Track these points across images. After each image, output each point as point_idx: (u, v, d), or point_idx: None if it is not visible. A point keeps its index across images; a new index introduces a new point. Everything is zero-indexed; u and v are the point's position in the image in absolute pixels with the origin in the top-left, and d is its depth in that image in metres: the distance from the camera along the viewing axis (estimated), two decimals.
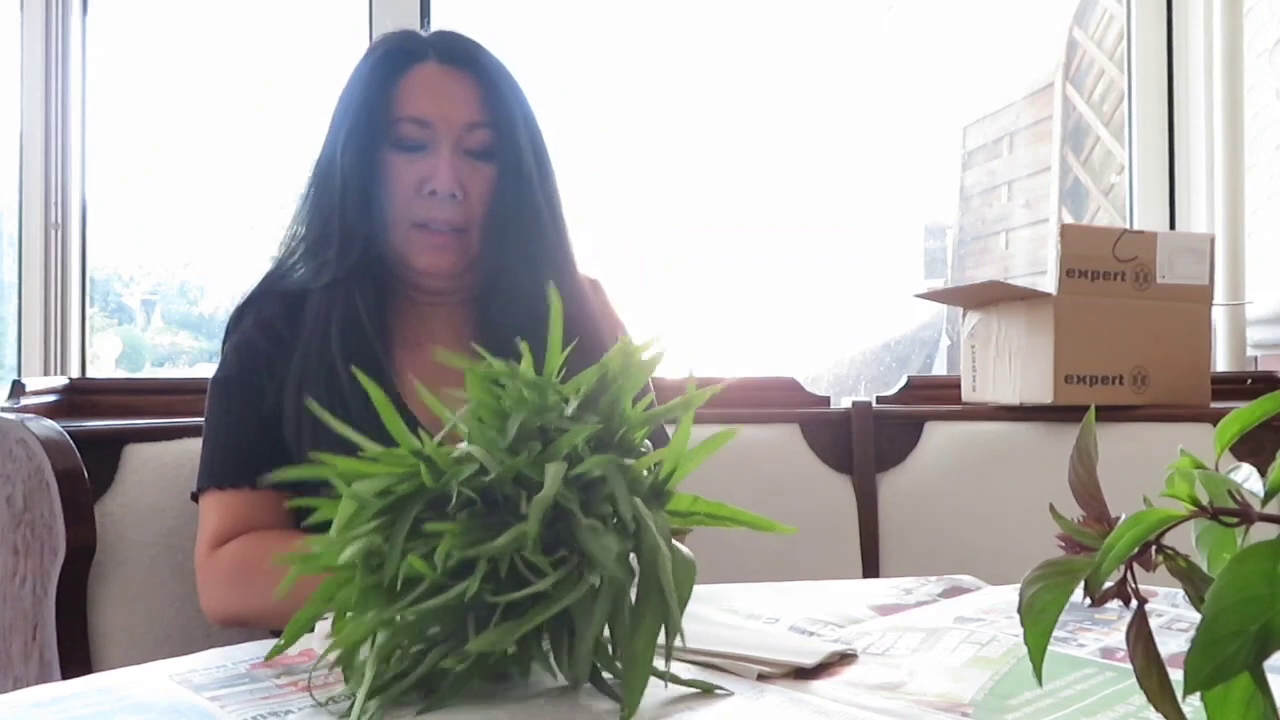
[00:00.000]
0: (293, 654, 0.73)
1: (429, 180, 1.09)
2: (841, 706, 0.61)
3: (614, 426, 0.64)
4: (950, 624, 0.78)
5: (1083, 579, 0.42)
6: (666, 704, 0.62)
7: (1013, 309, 1.58)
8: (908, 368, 2.76)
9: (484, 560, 0.57)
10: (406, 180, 1.10)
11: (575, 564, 0.60)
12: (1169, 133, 2.24)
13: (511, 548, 0.57)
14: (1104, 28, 2.55)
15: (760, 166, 2.66)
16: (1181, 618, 0.77)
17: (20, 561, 1.16)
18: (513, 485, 0.60)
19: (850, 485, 1.50)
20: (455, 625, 0.60)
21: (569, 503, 0.60)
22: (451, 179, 1.09)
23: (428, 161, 1.10)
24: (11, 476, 1.17)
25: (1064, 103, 2.69)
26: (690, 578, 0.63)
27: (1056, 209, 2.65)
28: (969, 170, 2.97)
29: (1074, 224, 1.86)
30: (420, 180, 1.09)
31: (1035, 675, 0.42)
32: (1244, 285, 2.03)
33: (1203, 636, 0.35)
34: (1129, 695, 0.61)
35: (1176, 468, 0.43)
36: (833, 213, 2.77)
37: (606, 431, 0.63)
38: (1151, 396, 1.55)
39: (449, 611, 0.59)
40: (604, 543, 0.59)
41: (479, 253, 1.12)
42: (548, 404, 0.63)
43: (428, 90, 1.11)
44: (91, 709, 0.63)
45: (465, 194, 1.10)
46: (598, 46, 2.44)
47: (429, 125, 1.10)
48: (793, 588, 0.91)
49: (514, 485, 0.60)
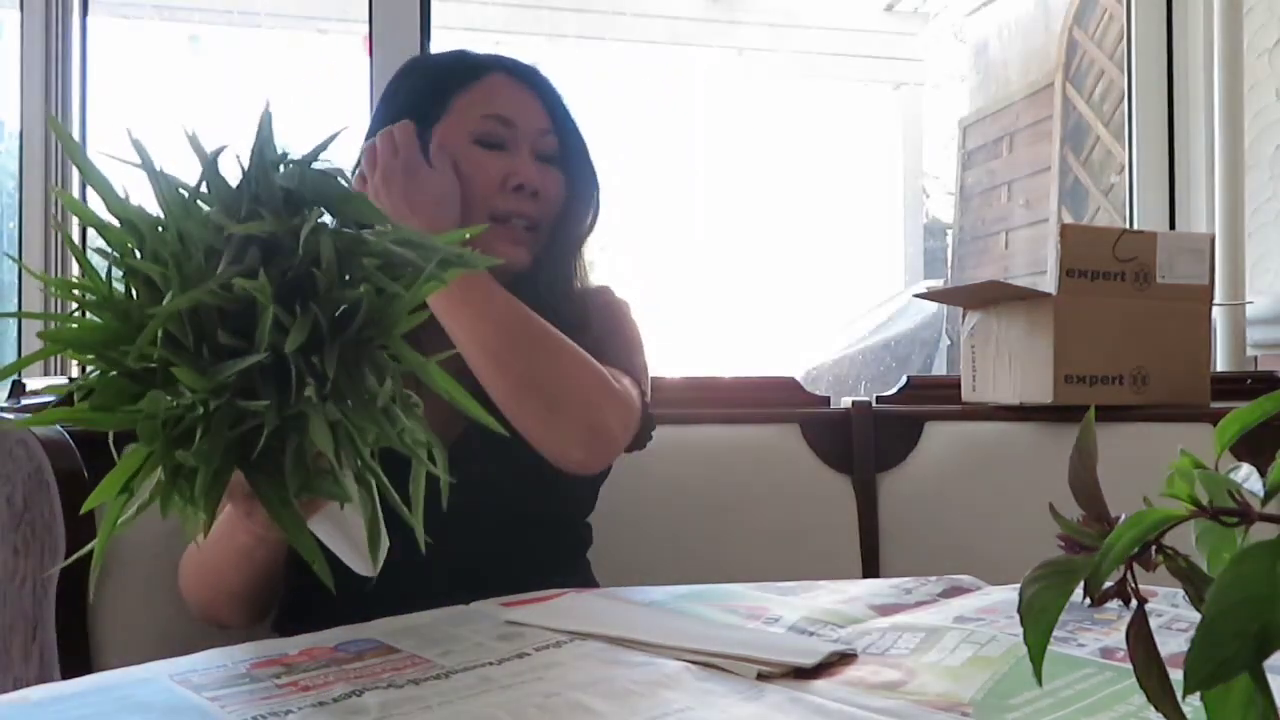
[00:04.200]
0: (293, 654, 0.73)
1: (514, 175, 1.12)
2: (841, 706, 0.61)
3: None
4: (950, 624, 0.78)
5: (1083, 579, 0.42)
6: (667, 704, 0.62)
7: (1013, 309, 1.58)
8: (908, 368, 2.77)
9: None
10: (491, 174, 1.12)
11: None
12: (1169, 133, 2.24)
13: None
14: (1104, 28, 2.55)
15: (760, 166, 2.66)
16: (1181, 618, 0.77)
17: (20, 561, 1.16)
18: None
19: (850, 485, 1.50)
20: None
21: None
22: (536, 175, 1.13)
23: (510, 159, 1.13)
24: (11, 476, 1.17)
25: (1064, 103, 2.69)
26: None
27: (1056, 209, 2.65)
28: (969, 170, 2.97)
29: (1074, 224, 1.86)
30: (505, 175, 1.12)
31: (1035, 675, 0.42)
32: (1244, 285, 2.02)
33: (1203, 636, 0.35)
34: (1129, 695, 0.61)
35: (1176, 468, 0.43)
36: (833, 213, 2.77)
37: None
38: (1151, 396, 1.55)
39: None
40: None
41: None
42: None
43: (506, 94, 1.15)
44: (91, 709, 0.63)
45: (542, 193, 1.14)
46: (598, 44, 2.44)
47: (512, 125, 1.14)
48: (793, 588, 0.91)
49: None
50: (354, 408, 0.65)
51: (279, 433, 0.63)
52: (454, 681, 0.66)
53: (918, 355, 3.18)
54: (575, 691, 0.64)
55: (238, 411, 0.62)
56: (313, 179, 0.68)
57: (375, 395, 0.65)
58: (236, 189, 0.66)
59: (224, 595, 1.03)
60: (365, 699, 0.63)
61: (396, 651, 0.73)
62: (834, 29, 4.94)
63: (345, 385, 0.64)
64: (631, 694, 0.64)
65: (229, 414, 0.62)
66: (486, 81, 1.16)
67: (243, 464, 0.65)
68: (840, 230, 3.97)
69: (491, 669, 0.69)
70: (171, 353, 0.62)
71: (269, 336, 0.62)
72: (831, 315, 2.71)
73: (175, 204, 0.65)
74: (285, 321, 0.62)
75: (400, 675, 0.68)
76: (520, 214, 1.13)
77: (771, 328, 2.65)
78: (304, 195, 0.67)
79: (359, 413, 0.65)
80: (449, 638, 0.76)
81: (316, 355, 0.63)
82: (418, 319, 0.69)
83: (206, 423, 0.62)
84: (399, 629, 0.79)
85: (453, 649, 0.73)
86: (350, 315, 0.65)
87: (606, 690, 0.64)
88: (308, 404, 0.63)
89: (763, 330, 2.63)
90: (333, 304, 0.65)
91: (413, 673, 0.68)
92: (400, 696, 0.64)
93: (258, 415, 0.62)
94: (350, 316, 0.65)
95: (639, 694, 0.64)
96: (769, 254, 2.78)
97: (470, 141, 1.12)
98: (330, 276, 0.64)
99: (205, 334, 0.63)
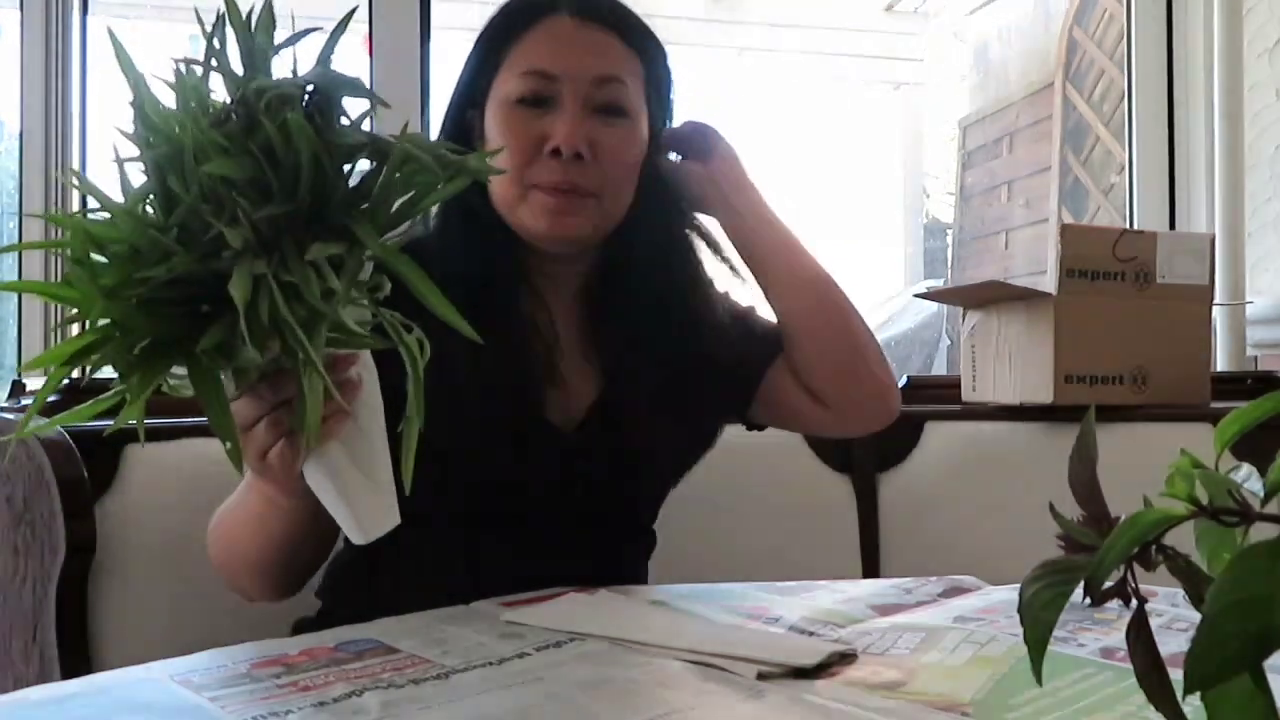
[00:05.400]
0: (293, 654, 0.73)
1: (551, 138, 0.99)
2: (841, 706, 0.61)
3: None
4: (950, 624, 0.78)
5: (1083, 579, 0.42)
6: (667, 704, 0.62)
7: (1013, 309, 1.58)
8: (908, 368, 2.77)
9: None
10: (525, 139, 1.00)
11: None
12: (1169, 133, 2.24)
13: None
14: (1104, 28, 2.55)
15: (761, 166, 2.67)
16: (1181, 618, 0.77)
17: (20, 561, 1.16)
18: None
19: (850, 485, 1.49)
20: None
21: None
22: (579, 137, 0.99)
23: (552, 117, 1.00)
24: (11, 476, 1.17)
25: (1064, 103, 2.69)
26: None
27: (1056, 209, 2.65)
28: (969, 170, 2.97)
29: (1074, 224, 1.87)
30: (542, 137, 1.00)
31: (1035, 675, 0.42)
32: (1244, 285, 2.03)
33: (1203, 636, 0.35)
34: (1129, 695, 0.61)
35: (1176, 468, 0.43)
36: (833, 213, 2.77)
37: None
38: (1151, 396, 1.55)
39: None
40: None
41: (616, 223, 1.05)
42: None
43: (555, 42, 1.02)
44: (91, 709, 0.63)
45: (594, 155, 1.00)
46: None
47: (555, 79, 1.00)
48: (793, 588, 0.91)
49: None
50: (291, 269, 0.62)
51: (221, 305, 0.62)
52: (454, 681, 0.66)
53: (918, 355, 3.18)
54: (575, 691, 0.64)
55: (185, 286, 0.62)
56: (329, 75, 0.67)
57: (315, 262, 0.63)
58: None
59: (240, 563, 0.98)
60: (365, 699, 0.63)
61: (396, 651, 0.73)
62: (834, 29, 4.94)
63: (290, 251, 0.62)
64: (631, 694, 0.64)
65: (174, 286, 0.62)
66: (541, 27, 1.03)
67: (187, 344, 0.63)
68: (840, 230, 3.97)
69: (491, 669, 0.69)
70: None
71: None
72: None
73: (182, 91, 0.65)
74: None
75: (400, 675, 0.68)
76: (560, 183, 0.99)
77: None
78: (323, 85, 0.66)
79: (296, 273, 0.62)
80: (449, 638, 0.76)
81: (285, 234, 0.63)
82: (405, 216, 0.67)
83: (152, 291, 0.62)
84: (399, 628, 0.79)
85: (453, 649, 0.73)
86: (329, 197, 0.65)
87: (606, 690, 0.64)
88: (234, 256, 0.61)
89: None
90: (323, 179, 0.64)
91: (413, 673, 0.68)
92: (400, 696, 0.64)
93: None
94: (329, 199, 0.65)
95: (639, 694, 0.64)
96: None
97: (512, 102, 1.01)
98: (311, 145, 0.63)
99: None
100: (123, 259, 0.61)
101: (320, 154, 0.64)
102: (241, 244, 0.61)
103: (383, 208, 0.66)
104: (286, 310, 0.61)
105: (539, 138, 1.00)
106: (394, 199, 0.67)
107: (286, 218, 0.63)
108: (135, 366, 0.63)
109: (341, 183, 0.66)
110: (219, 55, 0.66)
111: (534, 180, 1.00)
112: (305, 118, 0.64)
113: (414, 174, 0.67)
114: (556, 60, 1.01)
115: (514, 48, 1.02)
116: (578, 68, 1.01)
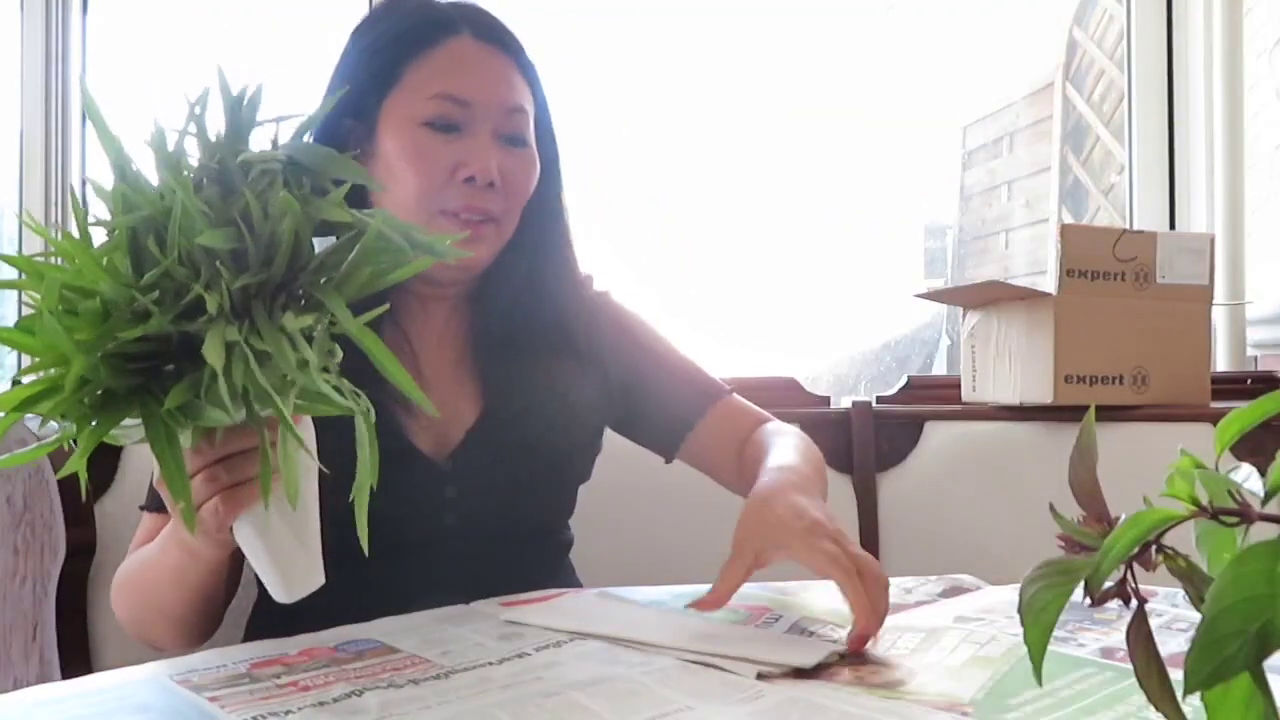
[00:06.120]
0: (292, 654, 0.73)
1: (465, 165, 0.99)
2: (841, 706, 0.61)
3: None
4: (950, 624, 0.78)
5: (1083, 579, 0.42)
6: (667, 704, 0.62)
7: (1013, 309, 1.58)
8: (908, 368, 2.76)
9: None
10: (438, 164, 0.99)
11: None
12: (1169, 133, 2.24)
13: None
14: (1104, 28, 2.55)
15: (760, 166, 2.66)
16: (1181, 618, 0.77)
17: (20, 561, 1.16)
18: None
19: (850, 485, 1.50)
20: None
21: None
22: (493, 166, 0.99)
23: (464, 144, 0.99)
24: (11, 476, 1.17)
25: (1064, 103, 2.69)
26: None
27: (1056, 209, 2.65)
28: (969, 170, 2.97)
29: (1074, 224, 1.86)
30: (455, 164, 0.99)
31: (1035, 675, 0.42)
32: (1244, 285, 2.02)
33: (1203, 636, 0.35)
34: (1128, 695, 0.61)
35: (1176, 468, 0.43)
36: (833, 213, 2.77)
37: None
38: (1151, 396, 1.55)
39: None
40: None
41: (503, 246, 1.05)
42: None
43: (466, 67, 1.01)
44: (91, 709, 0.63)
45: (502, 183, 1.01)
46: (594, 40, 2.44)
47: (469, 105, 1.00)
48: (793, 587, 0.91)
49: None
50: (265, 337, 0.63)
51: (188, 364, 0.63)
52: (454, 681, 0.66)
53: (918, 355, 3.18)
54: (575, 691, 0.64)
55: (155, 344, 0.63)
56: (306, 148, 0.69)
57: (289, 331, 0.64)
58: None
59: (156, 615, 0.94)
60: (365, 699, 0.63)
61: (396, 651, 0.73)
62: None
63: (262, 319, 0.63)
64: (631, 694, 0.64)
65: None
66: (445, 49, 1.00)
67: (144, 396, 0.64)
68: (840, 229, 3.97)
69: (491, 669, 0.69)
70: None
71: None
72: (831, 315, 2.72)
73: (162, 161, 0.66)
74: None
75: (400, 675, 0.68)
76: (474, 209, 1.00)
77: (770, 328, 2.65)
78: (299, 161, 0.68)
79: (269, 342, 0.63)
80: (449, 638, 0.76)
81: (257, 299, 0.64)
82: (368, 289, 0.68)
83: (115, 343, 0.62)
84: (399, 629, 0.79)
85: (452, 649, 0.73)
86: (302, 267, 0.66)
87: (606, 690, 0.64)
88: (208, 322, 0.62)
89: (762, 330, 2.63)
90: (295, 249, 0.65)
91: (412, 673, 0.68)
92: (400, 696, 0.64)
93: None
94: (302, 268, 0.66)
95: (639, 694, 0.64)
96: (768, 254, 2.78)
97: (419, 124, 0.99)
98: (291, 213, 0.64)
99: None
100: (95, 314, 0.62)
101: (302, 230, 0.65)
102: (217, 309, 0.62)
103: (350, 281, 0.67)
104: (261, 376, 0.62)
105: (451, 164, 0.99)
106: (363, 271, 0.67)
107: (259, 285, 0.64)
108: (87, 418, 0.63)
109: (313, 254, 0.67)
110: (199, 121, 0.67)
111: (443, 206, 0.99)
112: (287, 187, 0.66)
113: (382, 251, 0.68)
114: (468, 87, 1.00)
115: (414, 65, 1.00)
116: (491, 96, 1.00)
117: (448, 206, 0.99)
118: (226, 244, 0.63)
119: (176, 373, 0.64)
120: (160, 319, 0.62)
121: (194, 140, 0.68)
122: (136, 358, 0.63)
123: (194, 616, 0.94)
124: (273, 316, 0.64)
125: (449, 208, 0.99)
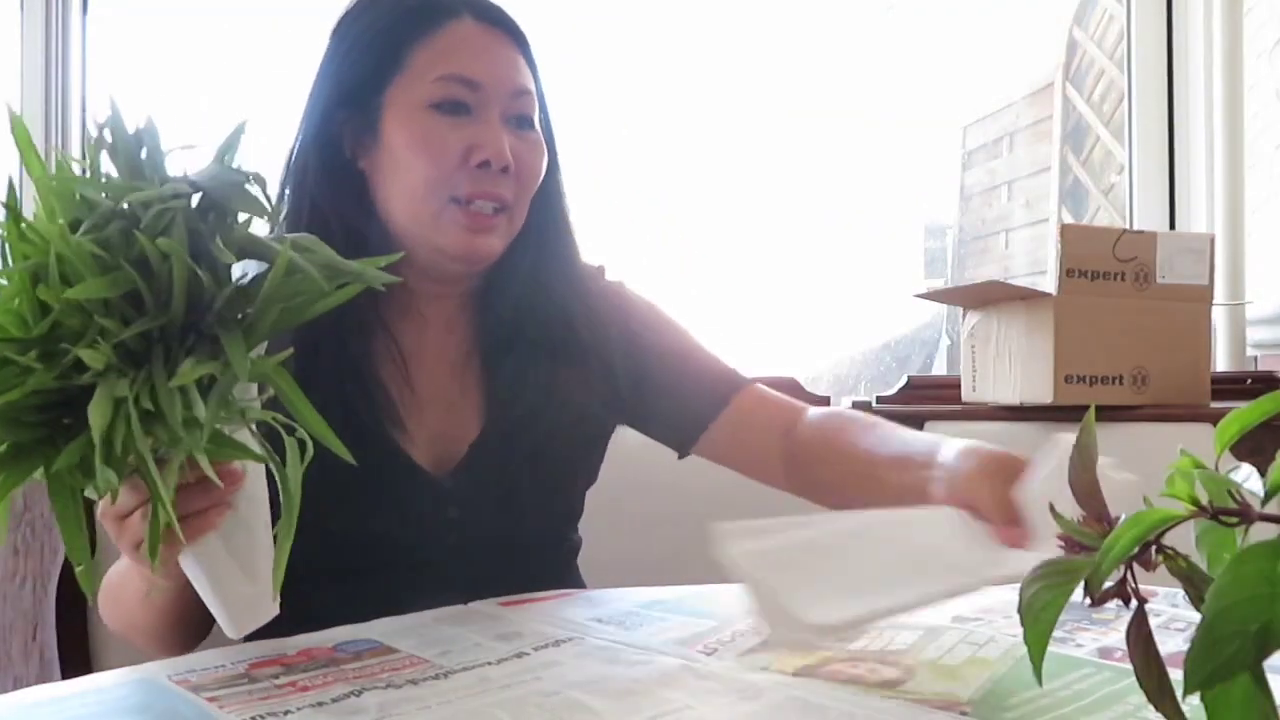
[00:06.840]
0: (291, 654, 0.73)
1: (478, 149, 0.94)
2: (840, 705, 0.61)
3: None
4: (949, 623, 0.78)
5: (1083, 579, 0.42)
6: (666, 703, 0.62)
7: (1013, 309, 1.58)
8: (908, 368, 2.76)
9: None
10: (450, 149, 0.94)
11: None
12: (1169, 133, 2.24)
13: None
14: (1104, 28, 2.55)
15: (760, 166, 2.66)
16: (1181, 618, 0.77)
17: (20, 561, 1.16)
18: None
19: None
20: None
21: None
22: (507, 149, 0.95)
23: (475, 128, 0.95)
24: None
25: (1064, 103, 2.69)
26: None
27: (1056, 209, 2.65)
28: (969, 170, 2.97)
29: (1074, 224, 1.87)
30: (467, 148, 0.95)
31: (1035, 675, 0.42)
32: (1244, 285, 2.02)
33: (1203, 636, 0.35)
34: (1127, 695, 0.61)
35: (1176, 468, 0.43)
36: (833, 212, 2.77)
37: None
38: (1151, 396, 1.55)
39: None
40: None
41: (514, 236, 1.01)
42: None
43: (471, 48, 0.97)
44: (91, 709, 0.63)
45: (515, 168, 0.97)
46: (594, 40, 2.44)
47: (479, 87, 0.95)
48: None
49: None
50: (158, 392, 0.60)
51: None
52: (453, 681, 0.66)
53: (918, 355, 3.18)
54: (574, 691, 0.64)
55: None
56: (221, 177, 0.65)
57: (184, 384, 0.60)
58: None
59: (136, 631, 0.95)
60: (364, 699, 0.63)
61: (395, 651, 0.73)
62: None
63: (158, 369, 0.60)
64: (631, 693, 0.64)
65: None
66: (447, 30, 0.97)
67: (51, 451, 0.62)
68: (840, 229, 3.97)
69: (490, 669, 0.69)
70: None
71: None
72: (831, 315, 2.71)
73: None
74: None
75: (399, 675, 0.68)
76: (487, 195, 0.95)
77: (770, 328, 2.65)
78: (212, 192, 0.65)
79: (161, 398, 0.60)
80: (448, 638, 0.76)
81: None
82: (282, 324, 0.65)
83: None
84: (397, 629, 0.79)
85: (451, 649, 0.73)
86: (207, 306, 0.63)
87: (606, 689, 0.64)
88: (98, 375, 0.59)
89: (762, 330, 2.63)
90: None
91: (411, 673, 0.68)
92: (399, 696, 0.64)
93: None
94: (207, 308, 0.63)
95: (638, 693, 0.64)
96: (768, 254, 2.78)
97: (427, 107, 0.95)
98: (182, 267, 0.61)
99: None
100: None
101: (195, 273, 0.62)
102: (104, 365, 0.59)
103: (263, 317, 0.64)
104: (142, 443, 0.59)
105: (463, 149, 0.95)
106: (275, 308, 0.64)
107: (161, 329, 0.62)
108: None
109: (221, 291, 0.63)
110: (94, 162, 0.64)
111: (454, 193, 0.95)
112: (199, 216, 0.63)
113: (300, 282, 0.64)
114: (476, 68, 0.96)
115: (417, 49, 0.96)
116: (499, 78, 0.97)
117: (458, 193, 0.95)
118: (112, 291, 0.60)
119: (77, 429, 0.61)
120: (44, 375, 0.59)
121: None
122: (43, 409, 0.61)
123: (169, 633, 0.92)
124: (175, 363, 0.61)
125: (459, 194, 0.95)
